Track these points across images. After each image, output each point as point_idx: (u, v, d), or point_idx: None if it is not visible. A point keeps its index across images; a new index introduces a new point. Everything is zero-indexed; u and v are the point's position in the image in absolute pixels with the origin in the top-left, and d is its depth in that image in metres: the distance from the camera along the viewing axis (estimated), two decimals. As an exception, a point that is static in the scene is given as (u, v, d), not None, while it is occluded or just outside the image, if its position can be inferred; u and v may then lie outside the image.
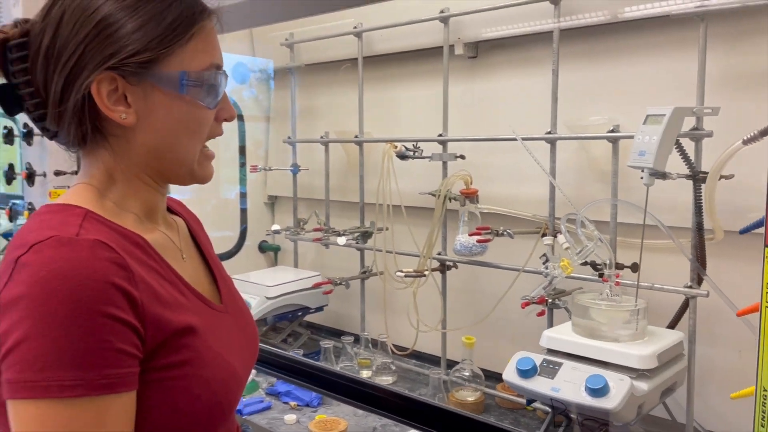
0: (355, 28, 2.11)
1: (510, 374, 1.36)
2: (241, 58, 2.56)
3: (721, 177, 1.27)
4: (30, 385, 0.64)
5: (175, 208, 0.98)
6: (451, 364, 1.91)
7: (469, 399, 1.77)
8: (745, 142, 1.01)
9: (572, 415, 1.37)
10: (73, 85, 0.75)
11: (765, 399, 0.77)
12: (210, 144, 0.88)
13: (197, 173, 0.85)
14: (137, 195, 0.83)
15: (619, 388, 1.23)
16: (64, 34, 0.75)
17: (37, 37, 0.76)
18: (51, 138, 0.82)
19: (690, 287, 1.44)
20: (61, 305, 0.65)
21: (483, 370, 1.80)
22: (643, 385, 1.27)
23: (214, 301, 0.89)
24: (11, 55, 0.77)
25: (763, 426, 0.78)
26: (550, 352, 1.41)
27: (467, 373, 1.80)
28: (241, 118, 2.62)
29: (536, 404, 1.60)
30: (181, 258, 0.87)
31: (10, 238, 3.00)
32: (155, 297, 0.73)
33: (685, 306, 1.49)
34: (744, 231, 0.77)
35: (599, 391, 1.22)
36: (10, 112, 0.80)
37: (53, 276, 0.66)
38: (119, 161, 0.81)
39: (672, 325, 1.52)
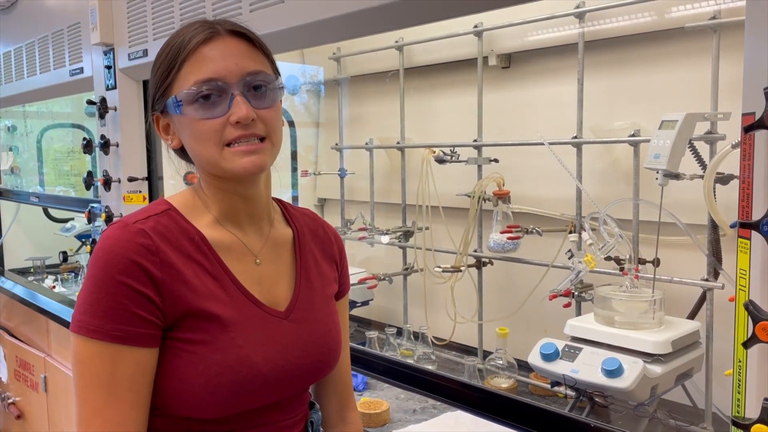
0: (397, 42, 2.26)
1: (534, 358, 1.49)
2: (292, 68, 2.74)
3: (718, 179, 1.38)
4: (74, 323, 0.89)
5: (293, 218, 1.11)
6: (486, 354, 2.05)
7: (503, 386, 1.90)
8: (734, 147, 1.12)
9: (597, 399, 1.49)
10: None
11: (740, 368, 0.89)
12: None
13: (229, 169, 0.94)
14: (216, 199, 1.01)
15: (632, 369, 1.34)
16: None
17: None
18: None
19: (706, 280, 1.54)
20: (99, 271, 0.88)
21: (516, 360, 1.93)
22: (657, 369, 1.39)
23: (275, 306, 1.00)
24: None
25: (739, 392, 0.90)
26: (574, 339, 1.53)
27: (501, 362, 1.93)
28: (292, 124, 2.81)
29: (567, 391, 1.72)
30: (254, 262, 1.01)
31: (84, 240, 3.28)
32: (181, 281, 0.92)
33: (703, 298, 1.58)
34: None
35: (614, 372, 1.35)
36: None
37: (102, 248, 0.90)
38: (198, 170, 1.02)
39: (691, 316, 1.62)
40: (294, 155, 2.80)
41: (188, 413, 0.92)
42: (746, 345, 0.84)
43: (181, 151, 1.03)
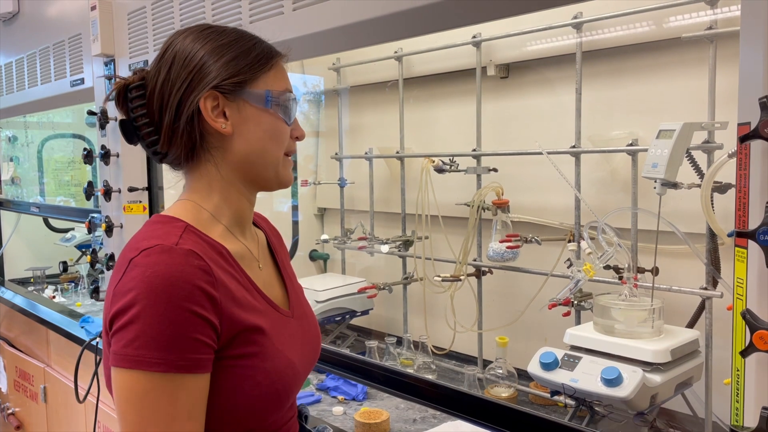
0: (396, 52, 2.28)
1: (534, 367, 1.49)
2: (292, 78, 2.75)
3: (716, 188, 1.39)
4: (129, 358, 0.83)
5: (258, 223, 1.16)
6: (486, 363, 2.05)
7: (503, 395, 1.90)
8: (730, 156, 1.13)
9: (597, 409, 1.49)
10: (185, 103, 0.96)
11: (738, 377, 0.90)
12: None
13: (282, 176, 1.03)
14: (230, 205, 1.01)
15: (631, 378, 1.34)
16: (176, 70, 0.97)
17: (153, 77, 0.99)
18: (160, 161, 1.04)
19: (705, 289, 1.55)
20: (158, 299, 0.83)
21: (516, 369, 1.93)
22: (656, 378, 1.39)
23: (283, 307, 1.05)
24: (131, 95, 1.00)
25: (737, 401, 0.91)
26: (573, 348, 1.53)
27: (501, 371, 1.93)
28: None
29: (567, 400, 1.72)
30: (258, 267, 1.05)
31: (84, 249, 3.28)
32: (232, 298, 0.91)
33: (702, 307, 1.59)
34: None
35: (613, 381, 1.35)
36: (130, 141, 1.03)
37: (155, 275, 0.84)
38: (219, 169, 1.00)
39: (690, 325, 1.62)
40: (294, 165, 2.81)
41: (247, 425, 0.93)
42: (744, 354, 0.84)
43: (193, 149, 0.99)
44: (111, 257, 2.27)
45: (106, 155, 2.22)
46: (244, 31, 1.03)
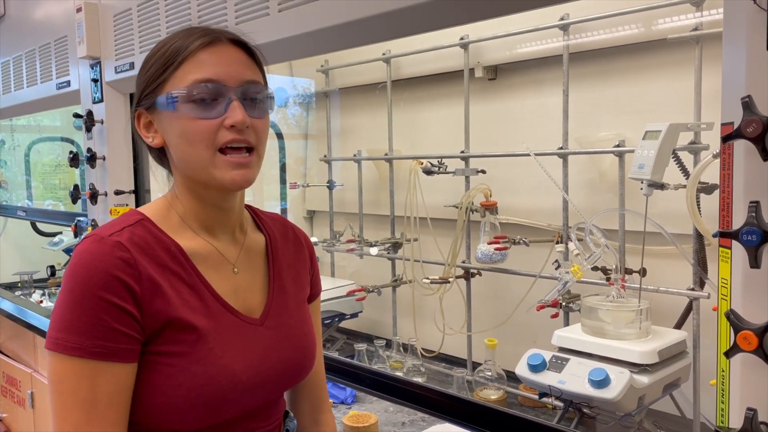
0: (384, 54, 2.28)
1: (522, 369, 1.49)
2: (281, 80, 2.75)
3: (702, 189, 1.39)
4: (52, 341, 0.87)
5: (266, 225, 1.11)
6: (475, 365, 2.04)
7: (492, 397, 1.90)
8: (715, 157, 1.13)
9: (585, 410, 1.49)
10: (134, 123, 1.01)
11: (723, 378, 0.89)
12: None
13: (218, 178, 0.93)
14: (193, 207, 0.99)
15: (619, 380, 1.34)
16: None
17: None
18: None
19: (693, 290, 1.55)
20: (78, 286, 0.86)
21: (505, 371, 1.93)
22: (644, 379, 1.39)
23: (251, 314, 1.00)
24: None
25: (723, 402, 0.90)
26: (561, 349, 1.53)
27: (490, 373, 1.92)
28: (281, 136, 2.81)
29: (556, 402, 1.71)
30: (231, 271, 1.01)
31: (71, 254, 3.26)
32: (159, 294, 0.90)
33: (689, 308, 1.59)
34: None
35: (601, 382, 1.34)
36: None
37: (80, 264, 0.87)
38: (176, 176, 1.01)
39: (678, 326, 1.62)
40: (283, 167, 2.80)
41: (169, 426, 0.91)
42: (728, 354, 0.84)
43: (160, 155, 1.02)
44: (98, 261, 2.24)
45: (92, 158, 2.20)
46: (173, 35, 0.98)
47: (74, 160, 2.26)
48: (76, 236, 2.37)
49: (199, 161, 0.94)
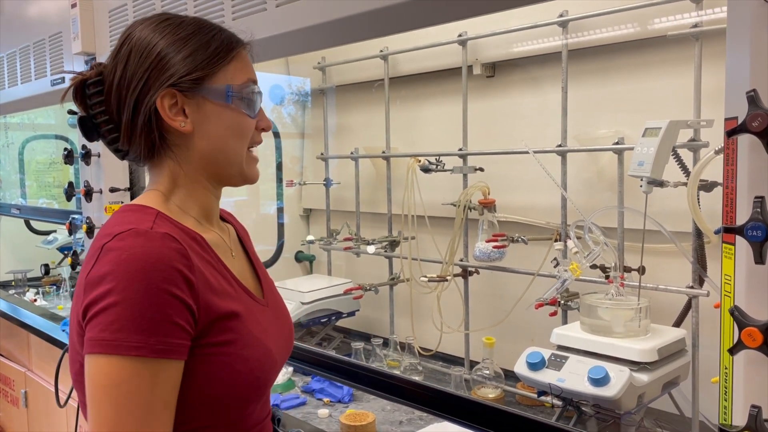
0: (381, 51, 2.26)
1: (521, 367, 1.48)
2: (277, 78, 2.73)
3: (701, 186, 1.38)
4: (105, 343, 0.79)
5: (225, 217, 1.14)
6: (473, 364, 2.03)
7: (490, 396, 1.89)
8: (716, 153, 1.12)
9: (584, 408, 1.48)
10: (143, 102, 0.93)
11: (726, 375, 0.89)
12: None
13: (246, 173, 1.00)
14: (196, 199, 0.99)
15: (618, 378, 1.34)
16: (132, 66, 0.93)
17: (110, 73, 0.95)
18: (122, 158, 1.00)
19: (692, 288, 1.54)
20: (136, 281, 0.79)
21: (503, 369, 1.92)
22: (643, 377, 1.38)
23: (258, 295, 1.04)
24: (89, 92, 0.96)
25: (726, 400, 0.89)
26: (560, 348, 1.52)
27: (488, 372, 1.91)
28: (278, 135, 2.79)
29: (554, 401, 1.70)
30: (231, 256, 1.03)
31: (66, 252, 3.23)
32: (207, 285, 0.88)
33: (688, 306, 1.58)
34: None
35: (600, 381, 1.34)
36: (90, 138, 0.99)
37: (132, 259, 0.81)
38: (182, 167, 0.97)
39: (677, 324, 1.62)
40: (279, 165, 2.79)
41: (225, 416, 0.91)
42: (732, 351, 0.83)
43: (159, 144, 0.96)
44: (92, 259, 2.23)
45: (86, 155, 2.18)
46: (204, 21, 0.99)
47: (69, 157, 2.24)
48: (70, 234, 2.35)
49: (237, 155, 0.98)
